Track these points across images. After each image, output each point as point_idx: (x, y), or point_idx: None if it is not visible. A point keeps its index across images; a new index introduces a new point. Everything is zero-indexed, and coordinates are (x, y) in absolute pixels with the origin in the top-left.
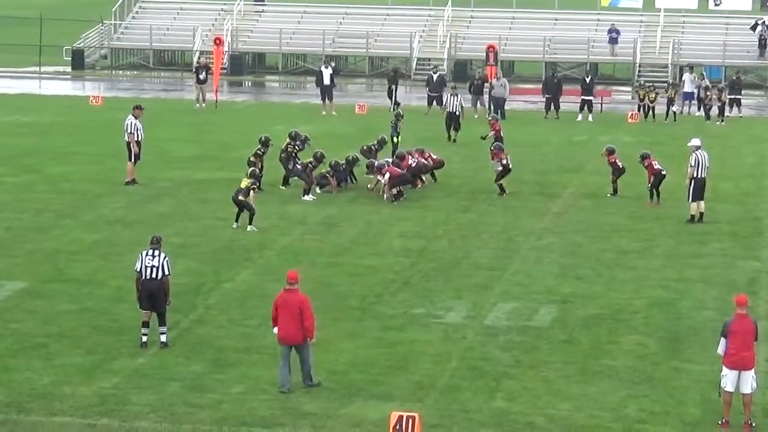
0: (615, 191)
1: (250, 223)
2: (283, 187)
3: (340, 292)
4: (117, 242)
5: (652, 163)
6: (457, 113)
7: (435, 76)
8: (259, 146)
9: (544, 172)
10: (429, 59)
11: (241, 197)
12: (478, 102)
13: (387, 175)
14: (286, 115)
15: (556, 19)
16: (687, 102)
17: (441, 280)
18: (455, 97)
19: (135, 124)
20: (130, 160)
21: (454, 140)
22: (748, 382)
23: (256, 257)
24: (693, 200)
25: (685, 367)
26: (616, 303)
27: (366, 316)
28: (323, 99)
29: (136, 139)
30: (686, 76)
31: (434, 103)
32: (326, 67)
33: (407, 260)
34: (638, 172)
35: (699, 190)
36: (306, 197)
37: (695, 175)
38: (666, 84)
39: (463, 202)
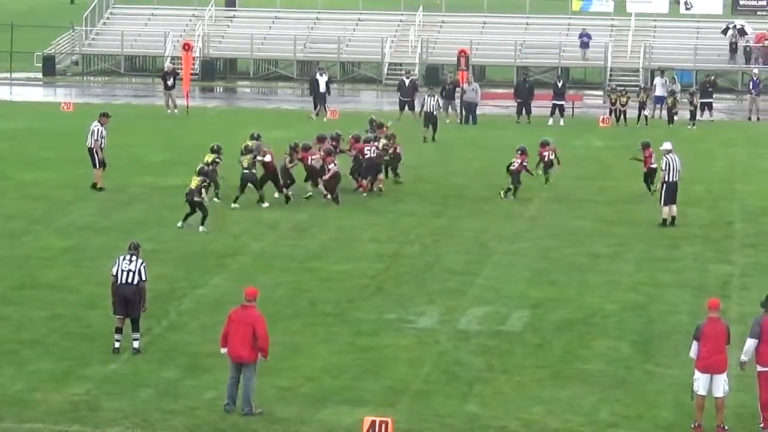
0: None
1: (202, 224)
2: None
3: (313, 298)
4: (89, 248)
5: (651, 155)
6: (435, 113)
7: (407, 81)
8: (216, 155)
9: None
10: (401, 64)
11: (196, 198)
12: (450, 107)
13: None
14: (258, 120)
15: (528, 24)
16: (658, 106)
17: (413, 285)
18: (432, 98)
19: (100, 131)
20: (95, 166)
21: (433, 139)
22: (721, 385)
23: (229, 263)
24: (665, 204)
25: (658, 371)
26: (589, 307)
27: (339, 321)
28: (315, 105)
29: (101, 145)
30: (657, 80)
31: (406, 107)
32: (321, 75)
33: (380, 265)
34: (610, 176)
35: (671, 193)
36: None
37: (667, 179)
38: (637, 88)
39: (435, 206)
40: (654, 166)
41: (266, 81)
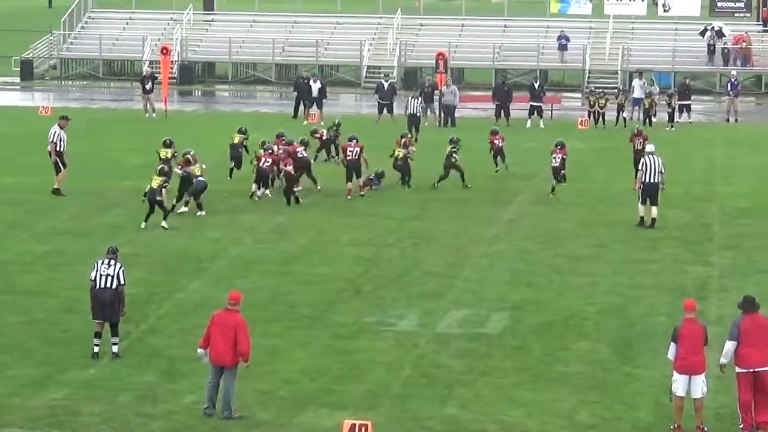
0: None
1: (164, 219)
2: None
3: (292, 301)
4: (67, 253)
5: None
6: (419, 115)
7: (386, 84)
8: (172, 150)
9: (495, 179)
10: (379, 67)
11: (157, 197)
12: (429, 109)
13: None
14: (237, 123)
15: (506, 26)
16: (637, 108)
17: (392, 288)
18: (416, 100)
19: (59, 134)
20: (59, 169)
21: (416, 140)
22: (699, 386)
23: (208, 266)
24: (642, 203)
25: (637, 373)
26: (568, 309)
27: (317, 324)
28: (305, 108)
29: (57, 149)
30: (636, 82)
31: (384, 110)
32: (314, 81)
33: (358, 268)
34: (589, 178)
35: (648, 193)
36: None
37: (644, 180)
38: (616, 90)
39: (414, 209)
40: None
41: (244, 84)
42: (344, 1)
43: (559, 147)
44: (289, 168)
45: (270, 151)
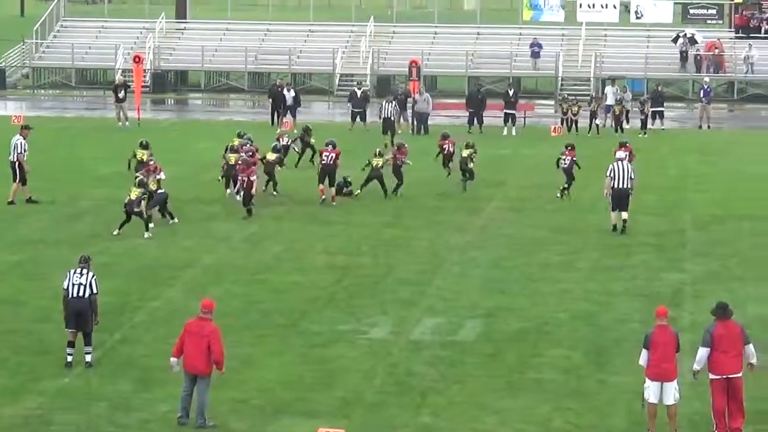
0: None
1: (147, 230)
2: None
3: (265, 309)
4: (40, 262)
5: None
6: (393, 119)
7: (359, 92)
8: (148, 152)
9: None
10: (352, 75)
11: (136, 209)
12: (402, 117)
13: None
14: (211, 132)
15: (479, 34)
16: (609, 115)
17: (366, 296)
18: (390, 104)
19: (23, 144)
20: (15, 180)
21: (392, 143)
22: (671, 393)
23: (181, 275)
24: (613, 209)
25: (611, 380)
26: (541, 316)
27: (291, 332)
28: (280, 116)
29: (23, 159)
30: (608, 89)
31: (357, 118)
32: (288, 90)
33: (332, 276)
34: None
35: (618, 200)
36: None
37: (613, 186)
38: (588, 97)
39: (387, 217)
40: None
41: (218, 93)
42: (317, 9)
43: (569, 149)
44: (253, 179)
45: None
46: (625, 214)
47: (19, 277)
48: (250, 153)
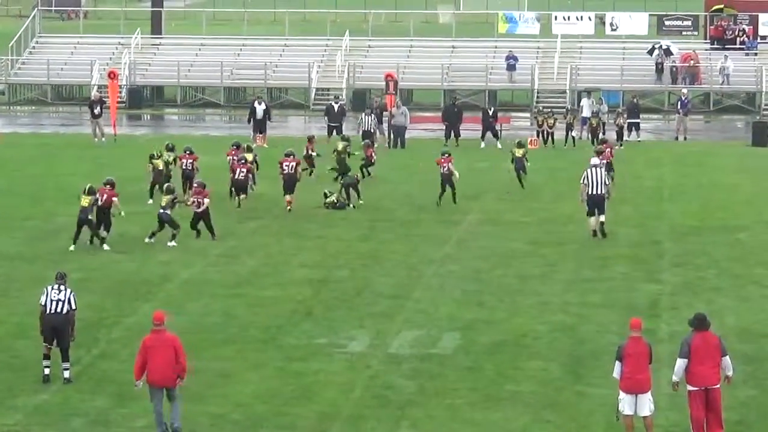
0: None
1: (102, 243)
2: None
3: (243, 323)
4: (17, 278)
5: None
6: (372, 131)
7: (336, 106)
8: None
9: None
10: (328, 89)
11: (90, 216)
12: (378, 131)
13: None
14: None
15: (454, 47)
16: (585, 127)
17: (343, 310)
18: (370, 117)
19: None
20: None
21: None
22: (646, 404)
23: (158, 291)
24: (590, 214)
25: (588, 392)
26: (519, 329)
27: (269, 347)
28: (255, 132)
29: None
30: (584, 101)
31: (334, 132)
32: (259, 104)
33: (309, 290)
34: (539, 198)
35: (594, 204)
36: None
37: (589, 192)
38: (564, 109)
39: (364, 230)
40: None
41: (193, 108)
42: (292, 23)
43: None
44: (206, 202)
45: (244, 161)
46: (602, 217)
47: None
48: (243, 161)
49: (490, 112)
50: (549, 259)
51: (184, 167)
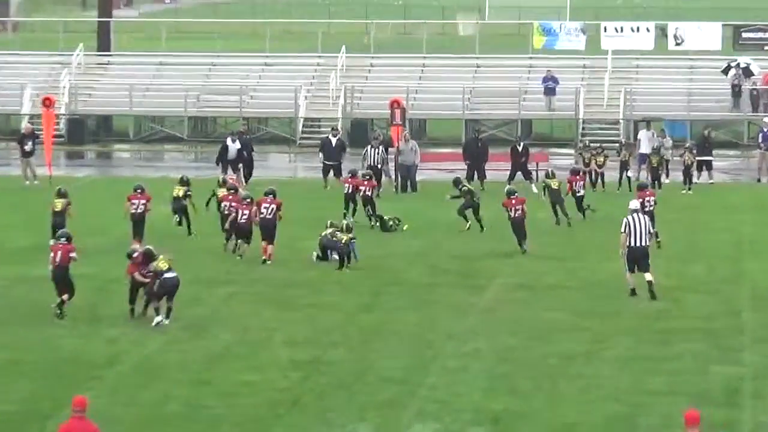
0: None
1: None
2: None
3: (213, 417)
4: None
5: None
6: (380, 167)
7: (333, 140)
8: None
9: (468, 258)
10: (319, 119)
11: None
12: (384, 171)
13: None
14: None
15: (478, 66)
16: (644, 166)
17: (340, 398)
18: (376, 150)
19: None
20: None
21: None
22: None
23: (105, 375)
24: (630, 270)
25: None
26: (561, 422)
27: None
28: (225, 171)
29: None
30: (642, 134)
31: (331, 173)
32: (233, 141)
33: (296, 374)
34: (583, 256)
35: (635, 259)
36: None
37: (630, 243)
38: (617, 144)
39: (365, 297)
40: (581, 193)
41: (150, 143)
42: (274, 37)
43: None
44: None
45: (248, 200)
46: (648, 275)
47: None
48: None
49: (520, 148)
50: (598, 333)
51: (134, 210)
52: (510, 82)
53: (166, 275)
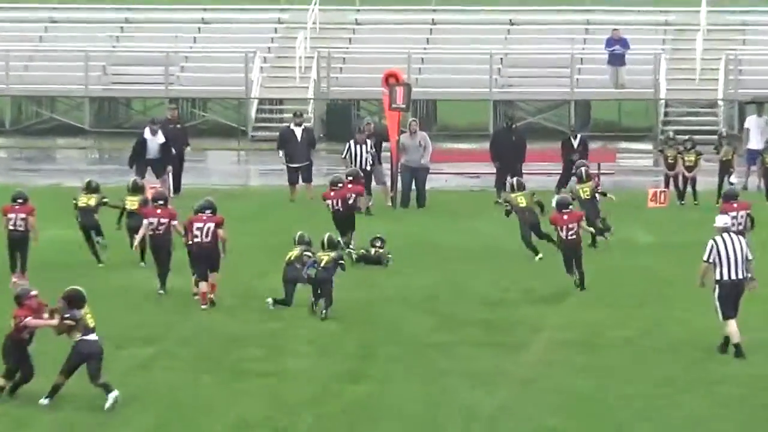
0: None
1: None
2: None
3: None
4: None
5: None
6: (369, 168)
7: (298, 133)
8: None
9: (497, 304)
10: (281, 101)
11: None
12: (374, 176)
13: None
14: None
15: (512, 23)
16: (755, 168)
17: None
18: (364, 146)
19: None
20: None
21: (368, 212)
22: None
23: None
24: (726, 315)
25: None
26: None
27: None
28: (141, 175)
29: None
30: (752, 122)
31: (299, 179)
32: (154, 133)
33: None
34: (665, 302)
35: (734, 299)
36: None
37: (721, 277)
38: (716, 137)
39: (349, 361)
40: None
41: (35, 136)
42: None
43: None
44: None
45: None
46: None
47: None
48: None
49: (575, 142)
50: (689, 413)
51: (11, 227)
52: (558, 46)
53: (86, 337)
